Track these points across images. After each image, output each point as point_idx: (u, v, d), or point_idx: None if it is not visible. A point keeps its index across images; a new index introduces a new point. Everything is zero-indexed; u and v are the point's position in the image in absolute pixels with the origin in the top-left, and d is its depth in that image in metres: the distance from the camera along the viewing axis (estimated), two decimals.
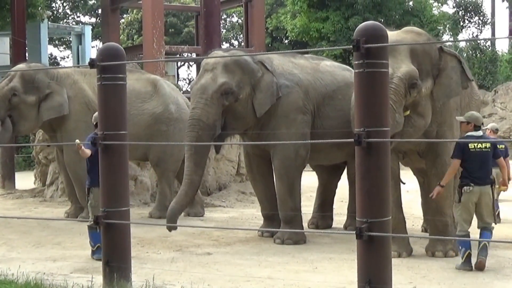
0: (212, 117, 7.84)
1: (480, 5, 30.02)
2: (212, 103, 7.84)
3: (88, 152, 6.79)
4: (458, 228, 6.75)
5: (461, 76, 7.00)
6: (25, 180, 14.64)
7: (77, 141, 6.81)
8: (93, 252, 7.06)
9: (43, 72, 10.07)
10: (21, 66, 10.41)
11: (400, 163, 7.72)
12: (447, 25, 29.94)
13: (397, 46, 6.51)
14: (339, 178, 9.48)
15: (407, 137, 6.68)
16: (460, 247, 6.70)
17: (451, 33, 29.98)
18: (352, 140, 4.21)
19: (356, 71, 4.29)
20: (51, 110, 9.88)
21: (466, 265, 6.57)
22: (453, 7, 30.61)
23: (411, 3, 28.43)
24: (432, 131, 7.07)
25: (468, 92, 7.74)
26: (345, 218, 9.22)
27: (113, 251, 5.20)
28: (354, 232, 4.18)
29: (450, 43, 23.56)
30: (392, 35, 6.52)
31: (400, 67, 6.53)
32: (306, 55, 9.11)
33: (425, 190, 7.58)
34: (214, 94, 7.85)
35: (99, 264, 5.52)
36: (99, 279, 5.41)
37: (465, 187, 6.61)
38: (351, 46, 4.26)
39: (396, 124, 6.41)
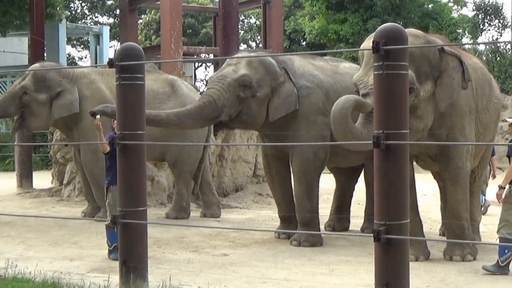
0: (223, 101, 7.83)
1: (500, 8, 29.82)
2: (228, 89, 7.86)
3: (107, 147, 6.82)
4: (506, 231, 6.63)
5: (461, 76, 6.91)
6: (42, 179, 14.70)
7: (98, 117, 6.80)
8: (109, 252, 7.07)
9: (55, 70, 10.12)
10: (36, 65, 10.47)
11: (420, 166, 7.69)
12: (467, 28, 29.77)
13: None
14: (357, 181, 9.45)
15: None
16: (506, 251, 6.55)
17: (471, 36, 29.81)
18: (371, 142, 4.19)
19: (375, 73, 4.27)
20: (61, 108, 9.92)
21: (506, 269, 6.52)
22: (473, 10, 30.43)
23: (430, 5, 28.28)
24: (442, 135, 7.01)
25: (486, 94, 7.67)
26: (362, 220, 9.19)
27: (130, 251, 5.20)
28: (372, 234, 4.16)
29: (469, 46, 23.45)
30: None
31: None
32: (325, 57, 9.10)
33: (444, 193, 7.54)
34: (233, 82, 7.86)
35: (116, 263, 5.52)
36: (115, 278, 5.42)
37: None
38: (370, 48, 4.24)
39: None
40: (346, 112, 5.98)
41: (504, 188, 6.68)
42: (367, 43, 6.78)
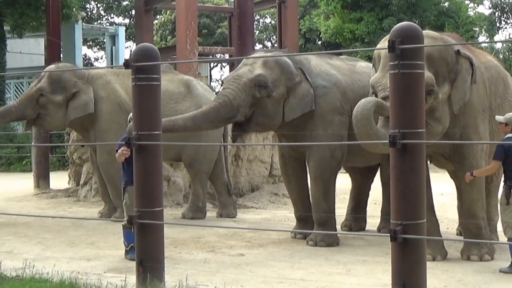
0: (239, 101, 7.82)
1: None
2: (244, 88, 7.84)
3: (122, 157, 6.88)
4: (510, 232, 6.63)
5: (470, 80, 6.89)
6: (59, 180, 14.76)
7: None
8: (126, 252, 7.09)
9: (70, 71, 10.16)
10: (51, 67, 10.52)
11: (435, 166, 7.66)
12: (483, 27, 29.64)
13: None
14: (373, 180, 9.42)
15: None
16: None
17: (487, 35, 29.67)
18: (387, 141, 4.18)
19: (391, 72, 4.26)
20: (77, 109, 9.96)
21: None
22: (489, 8, 30.32)
23: (446, 4, 28.14)
24: (456, 134, 6.97)
25: (500, 92, 7.61)
26: (378, 220, 9.16)
27: (146, 251, 5.22)
28: (388, 234, 4.15)
29: (485, 44, 23.33)
30: None
31: None
32: (341, 57, 9.07)
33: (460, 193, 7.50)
34: (248, 82, 7.85)
35: (133, 264, 5.54)
36: (132, 278, 5.44)
37: None
38: (386, 47, 4.23)
39: None
40: (369, 113, 5.94)
41: (474, 176, 6.80)
42: (383, 44, 6.77)
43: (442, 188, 11.63)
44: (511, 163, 6.64)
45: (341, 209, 9.32)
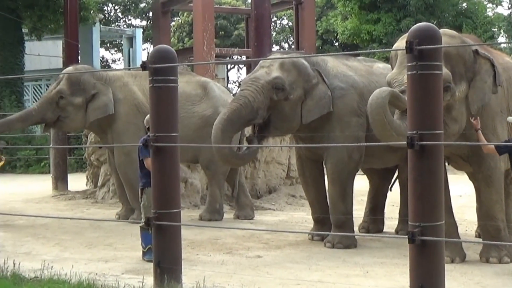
0: (258, 103, 7.81)
1: None
2: (262, 91, 7.83)
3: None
4: None
5: (493, 81, 6.83)
6: (77, 181, 14.82)
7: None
8: (144, 254, 7.11)
9: (89, 73, 10.20)
10: (69, 69, 10.57)
11: (453, 167, 7.61)
12: (502, 27, 29.45)
13: None
14: (391, 182, 9.38)
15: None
16: None
17: (506, 35, 29.48)
18: (405, 143, 4.16)
19: (409, 73, 4.24)
20: (97, 110, 10.00)
21: None
22: (508, 8, 30.15)
23: (464, 4, 27.99)
24: (473, 135, 6.92)
25: None
26: (396, 222, 9.13)
27: (164, 253, 5.23)
28: (406, 236, 4.13)
29: (504, 45, 23.19)
30: None
31: None
32: (358, 58, 9.04)
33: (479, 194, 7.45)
34: (266, 85, 7.83)
35: (150, 265, 5.55)
36: (150, 280, 5.45)
37: None
38: (403, 48, 4.21)
39: None
40: (384, 102, 5.89)
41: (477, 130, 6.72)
42: (400, 43, 6.75)
43: (461, 190, 11.56)
44: None
45: (359, 211, 9.29)
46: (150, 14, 35.51)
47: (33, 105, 11.34)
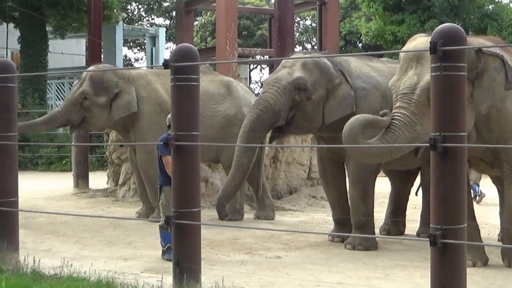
0: (280, 105, 7.82)
1: None
2: (283, 92, 7.83)
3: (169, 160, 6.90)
4: None
5: (504, 77, 6.68)
6: (98, 179, 14.89)
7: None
8: (163, 252, 7.10)
9: (112, 72, 10.22)
10: (92, 68, 10.59)
11: (475, 170, 7.54)
12: None
13: (424, 53, 6.28)
14: (412, 184, 9.32)
15: None
16: None
17: None
18: (428, 145, 4.12)
19: (433, 74, 4.20)
20: (121, 108, 10.02)
21: None
22: None
23: (490, 6, 27.78)
24: (492, 139, 6.82)
25: None
26: (417, 225, 9.06)
27: (183, 252, 5.22)
28: (428, 239, 4.09)
29: None
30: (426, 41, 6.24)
31: (424, 77, 6.35)
32: (382, 59, 8.99)
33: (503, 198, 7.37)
34: (288, 85, 7.83)
35: (169, 264, 5.55)
36: (169, 279, 5.44)
37: None
38: (427, 49, 4.17)
39: (417, 136, 6.32)
40: (355, 134, 6.26)
41: None
42: (409, 45, 6.74)
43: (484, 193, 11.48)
44: None
45: (380, 213, 9.23)
46: (174, 13, 35.68)
47: (57, 107, 11.37)
